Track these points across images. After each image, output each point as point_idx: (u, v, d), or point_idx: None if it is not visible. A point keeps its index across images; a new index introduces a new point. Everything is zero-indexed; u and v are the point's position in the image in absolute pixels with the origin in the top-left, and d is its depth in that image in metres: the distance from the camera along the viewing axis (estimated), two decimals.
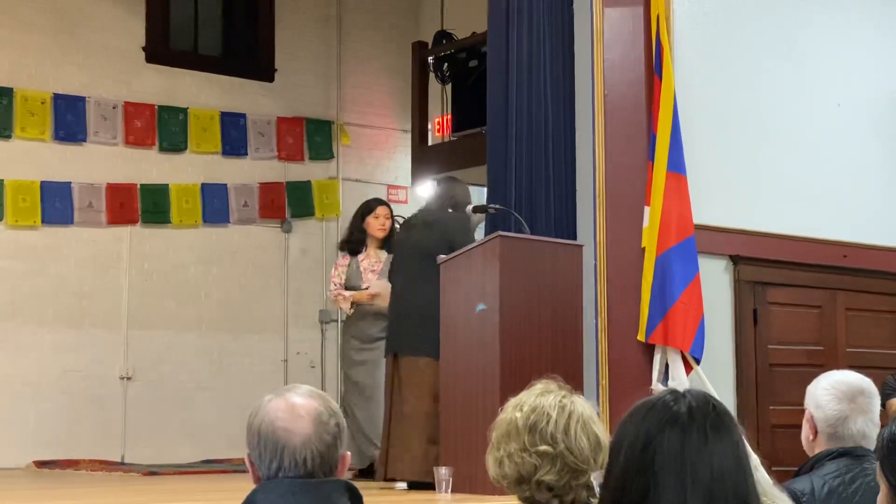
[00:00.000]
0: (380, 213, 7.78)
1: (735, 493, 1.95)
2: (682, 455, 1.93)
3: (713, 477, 1.92)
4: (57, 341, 9.32)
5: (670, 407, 2.00)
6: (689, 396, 2.02)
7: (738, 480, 1.96)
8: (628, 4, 6.66)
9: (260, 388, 7.33)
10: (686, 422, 1.97)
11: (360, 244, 7.78)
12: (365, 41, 10.99)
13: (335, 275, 7.79)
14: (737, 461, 1.98)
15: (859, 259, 7.41)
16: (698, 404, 2.01)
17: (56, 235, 9.46)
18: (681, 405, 2.00)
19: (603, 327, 6.42)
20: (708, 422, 1.98)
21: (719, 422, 2.00)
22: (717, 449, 1.96)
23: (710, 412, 2.00)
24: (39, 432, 9.11)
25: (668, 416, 1.99)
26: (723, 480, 1.93)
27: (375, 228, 7.74)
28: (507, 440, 2.70)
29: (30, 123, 9.39)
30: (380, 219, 7.75)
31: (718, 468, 1.94)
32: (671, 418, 1.99)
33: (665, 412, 2.00)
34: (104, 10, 9.78)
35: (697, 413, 1.99)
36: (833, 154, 7.44)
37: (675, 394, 2.04)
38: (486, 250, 5.75)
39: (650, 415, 2.01)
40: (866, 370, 3.75)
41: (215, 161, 10.17)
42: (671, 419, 1.98)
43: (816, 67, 7.44)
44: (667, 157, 6.37)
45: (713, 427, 1.98)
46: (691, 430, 1.96)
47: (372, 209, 7.81)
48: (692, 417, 1.98)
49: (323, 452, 2.44)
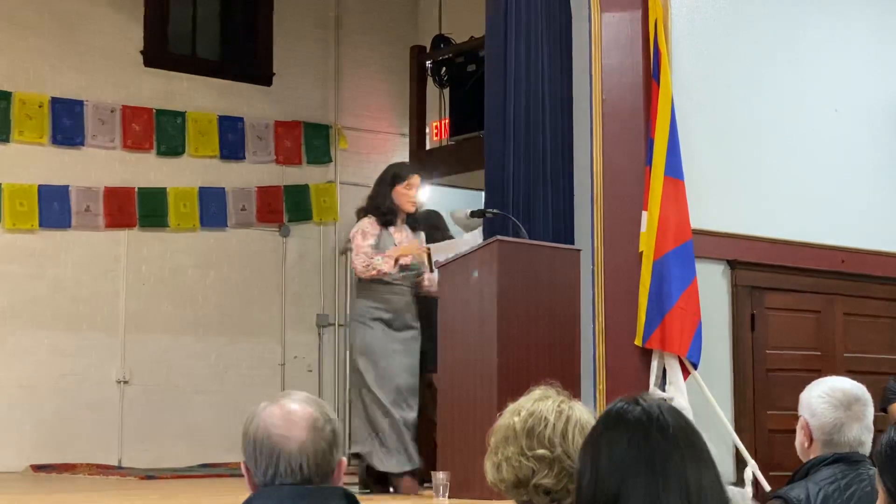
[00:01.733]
0: (413, 182, 6.71)
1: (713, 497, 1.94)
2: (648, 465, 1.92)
3: (686, 488, 1.91)
4: (54, 345, 9.31)
5: (628, 417, 1.98)
6: (644, 404, 2.01)
7: (715, 491, 1.95)
8: (626, 9, 6.67)
9: (257, 392, 7.35)
10: (648, 430, 1.96)
11: (393, 215, 6.66)
12: (363, 45, 11.00)
13: (364, 244, 6.55)
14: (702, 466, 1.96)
15: (857, 264, 7.41)
16: (654, 413, 1.99)
17: (54, 239, 9.45)
18: (636, 412, 1.99)
19: (600, 332, 6.42)
20: (668, 429, 1.97)
21: (679, 429, 1.98)
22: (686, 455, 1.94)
23: (660, 417, 1.98)
24: (36, 436, 9.11)
25: (630, 426, 1.97)
26: (700, 492, 1.92)
27: (406, 200, 6.69)
28: (505, 444, 2.71)
29: (27, 127, 9.39)
30: (412, 189, 6.70)
31: (694, 480, 1.92)
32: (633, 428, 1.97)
33: (625, 423, 1.98)
34: (102, 13, 9.78)
35: (654, 421, 1.97)
36: (831, 159, 7.45)
37: (631, 403, 2.02)
38: (484, 254, 5.75)
39: (611, 428, 1.99)
40: (864, 375, 3.76)
41: (213, 165, 10.18)
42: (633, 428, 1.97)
43: (814, 73, 7.45)
44: (664, 161, 6.38)
45: (676, 435, 1.96)
46: (654, 439, 1.95)
47: (403, 178, 6.70)
48: (648, 425, 1.96)
49: (318, 459, 2.44)
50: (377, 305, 6.53)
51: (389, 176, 6.73)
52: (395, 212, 6.65)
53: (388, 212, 6.63)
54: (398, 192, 6.65)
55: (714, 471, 1.96)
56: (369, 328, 6.52)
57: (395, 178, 6.69)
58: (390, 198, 6.64)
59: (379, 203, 6.67)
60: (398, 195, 6.65)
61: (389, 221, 6.64)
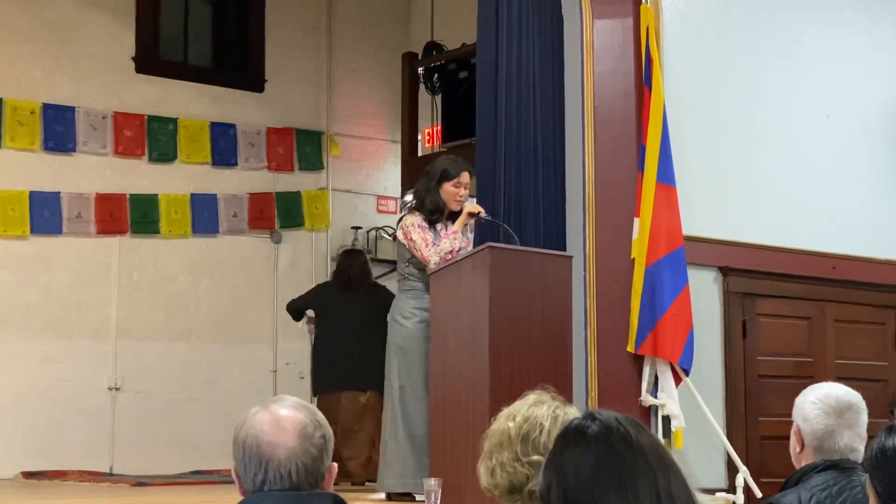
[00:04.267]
0: (462, 180, 6.24)
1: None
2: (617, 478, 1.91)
3: (657, 496, 1.91)
4: (45, 351, 9.29)
5: (588, 433, 1.98)
6: (602, 418, 2.00)
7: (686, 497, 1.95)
8: (618, 16, 6.68)
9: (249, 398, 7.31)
10: (611, 444, 1.95)
11: (439, 213, 6.25)
12: (355, 52, 11.00)
13: (426, 236, 6.16)
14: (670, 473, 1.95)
15: (848, 271, 7.42)
16: (613, 425, 1.98)
17: (45, 245, 9.43)
18: (595, 427, 1.98)
19: (592, 338, 6.42)
20: (631, 440, 1.96)
21: (641, 439, 1.97)
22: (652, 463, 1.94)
23: (620, 428, 1.97)
24: (27, 443, 9.08)
25: (592, 442, 1.97)
26: (672, 499, 1.92)
27: (453, 199, 6.23)
28: (500, 450, 2.70)
29: (19, 133, 9.38)
30: (460, 188, 6.23)
31: (664, 488, 1.92)
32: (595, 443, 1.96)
33: (586, 440, 1.97)
34: (94, 20, 9.77)
35: (615, 433, 1.96)
36: (823, 166, 7.46)
37: (588, 419, 2.01)
38: (476, 261, 5.74)
39: (572, 446, 1.98)
40: (855, 382, 3.75)
41: (205, 171, 10.17)
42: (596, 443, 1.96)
43: (806, 79, 7.46)
44: (656, 168, 6.38)
45: (639, 445, 1.96)
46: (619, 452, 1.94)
47: (452, 175, 6.22)
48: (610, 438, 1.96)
49: (308, 465, 2.44)
50: (420, 306, 6.22)
51: (438, 171, 6.25)
52: (441, 210, 6.23)
53: (435, 209, 6.22)
54: (446, 190, 6.21)
55: (681, 477, 1.96)
56: (408, 325, 6.23)
57: (444, 175, 6.22)
58: (437, 195, 6.21)
59: (425, 200, 6.24)
60: (446, 193, 6.21)
61: (435, 220, 6.22)
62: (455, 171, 6.22)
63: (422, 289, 6.21)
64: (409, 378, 6.22)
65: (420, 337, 6.16)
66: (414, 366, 6.20)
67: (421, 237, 6.13)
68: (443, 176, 6.22)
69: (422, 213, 6.23)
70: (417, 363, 6.19)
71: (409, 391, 6.22)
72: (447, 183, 6.20)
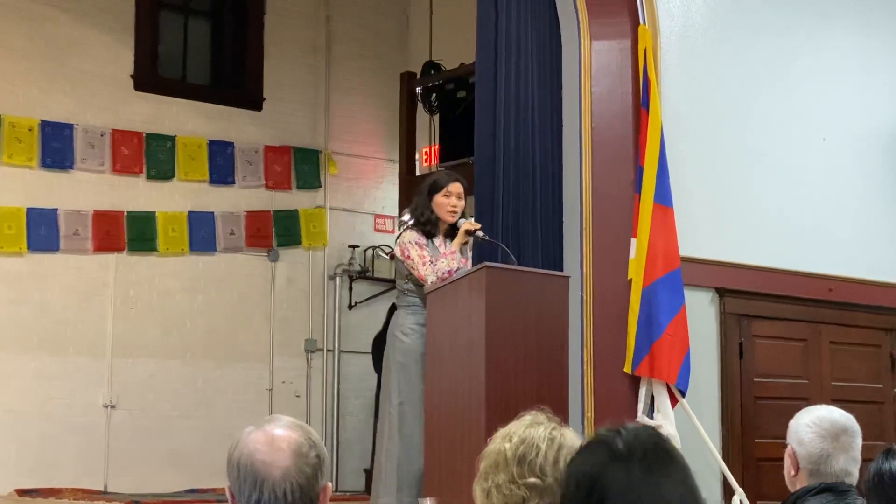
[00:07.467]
0: (452, 190, 6.20)
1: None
2: (628, 490, 1.92)
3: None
4: (40, 368, 9.27)
5: (609, 443, 1.98)
6: (626, 432, 2.01)
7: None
8: (616, 37, 6.69)
9: (244, 417, 7.32)
10: (627, 456, 1.95)
11: (434, 226, 6.23)
12: (353, 71, 11.02)
13: (423, 253, 6.14)
14: (688, 493, 1.96)
15: (844, 293, 7.42)
16: (638, 439, 1.99)
17: (41, 262, 9.43)
18: (619, 441, 1.99)
19: (589, 359, 6.42)
20: (649, 455, 1.97)
21: (662, 454, 1.98)
22: (663, 482, 1.95)
23: (650, 445, 1.98)
24: (21, 460, 9.05)
25: (609, 453, 1.97)
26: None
27: (445, 210, 6.19)
28: (496, 471, 2.68)
29: (17, 150, 9.38)
30: (451, 198, 6.20)
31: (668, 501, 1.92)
32: (613, 455, 1.97)
33: (605, 449, 1.98)
34: (93, 37, 9.79)
35: (637, 447, 1.97)
36: (818, 188, 7.47)
37: (612, 430, 2.02)
38: (473, 281, 5.74)
39: (591, 454, 1.99)
40: (850, 404, 3.75)
41: (202, 189, 10.17)
42: (613, 456, 1.97)
43: (802, 102, 7.48)
44: (654, 189, 6.39)
45: (657, 460, 1.97)
46: (633, 465, 1.95)
47: (441, 186, 6.21)
48: (632, 452, 1.96)
49: (303, 485, 2.43)
50: (420, 322, 6.18)
51: (427, 186, 6.30)
52: (435, 223, 6.22)
53: (428, 222, 6.21)
54: (438, 202, 6.19)
55: (698, 494, 1.96)
56: (407, 340, 6.20)
57: (434, 187, 6.24)
58: (430, 209, 6.21)
59: (418, 215, 6.27)
60: (438, 205, 6.19)
61: (431, 233, 6.21)
62: (444, 182, 6.23)
63: (420, 304, 6.19)
64: (409, 395, 6.19)
65: (420, 353, 6.14)
66: (413, 382, 6.17)
67: (418, 254, 6.13)
68: (432, 188, 6.23)
69: (418, 229, 6.23)
70: (417, 380, 6.16)
71: (407, 408, 6.19)
72: (437, 194, 6.20)
